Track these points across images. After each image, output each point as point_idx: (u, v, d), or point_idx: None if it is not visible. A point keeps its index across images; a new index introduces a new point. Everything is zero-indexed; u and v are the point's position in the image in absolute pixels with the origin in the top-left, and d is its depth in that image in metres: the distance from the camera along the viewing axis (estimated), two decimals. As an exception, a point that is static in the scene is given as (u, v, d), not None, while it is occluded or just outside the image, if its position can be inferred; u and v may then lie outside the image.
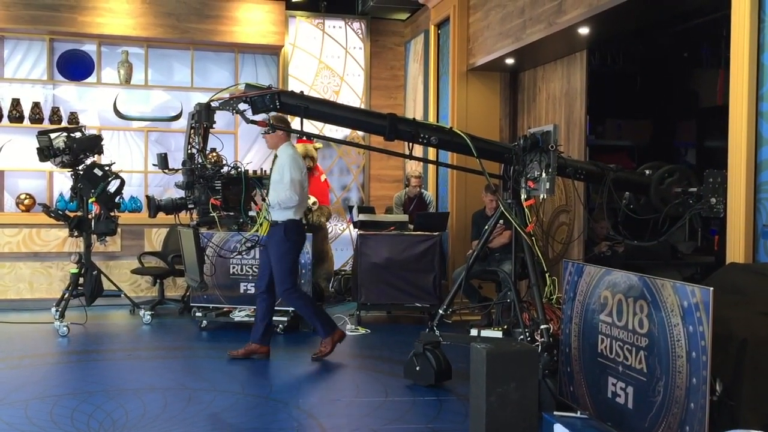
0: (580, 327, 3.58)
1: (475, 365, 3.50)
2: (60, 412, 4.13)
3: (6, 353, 5.62)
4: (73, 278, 6.44)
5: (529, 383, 3.43)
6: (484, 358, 3.38)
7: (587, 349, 3.52)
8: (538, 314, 4.25)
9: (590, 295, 3.50)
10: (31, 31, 7.62)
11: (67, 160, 6.36)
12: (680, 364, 2.86)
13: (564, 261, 3.90)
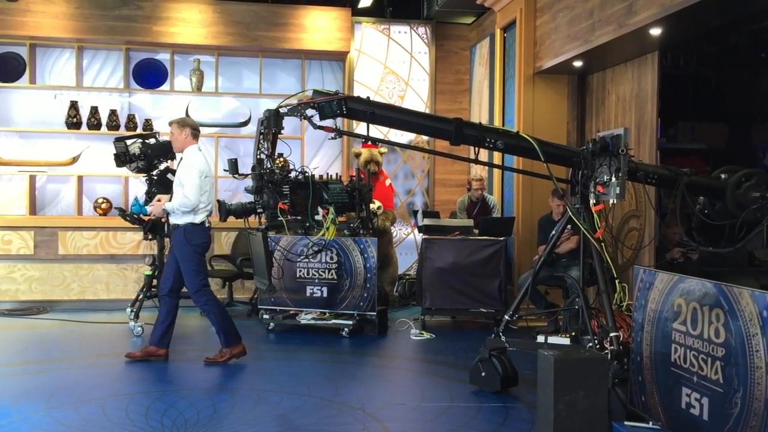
0: (652, 335, 3.50)
1: (543, 372, 3.45)
2: (135, 410, 4.27)
3: (84, 352, 5.84)
4: (147, 280, 6.65)
5: (598, 392, 3.37)
6: (552, 365, 3.34)
7: (660, 358, 3.43)
8: (607, 321, 4.17)
9: (663, 303, 3.41)
10: (108, 42, 7.93)
11: (142, 165, 6.57)
12: (759, 376, 2.76)
13: (635, 267, 3.81)
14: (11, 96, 7.99)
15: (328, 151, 8.69)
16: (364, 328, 6.53)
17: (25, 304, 7.47)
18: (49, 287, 7.57)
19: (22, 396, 4.47)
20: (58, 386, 4.73)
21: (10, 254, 7.48)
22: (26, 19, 7.53)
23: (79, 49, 7.95)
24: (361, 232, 6.53)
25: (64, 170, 8.03)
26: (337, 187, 6.06)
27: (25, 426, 3.94)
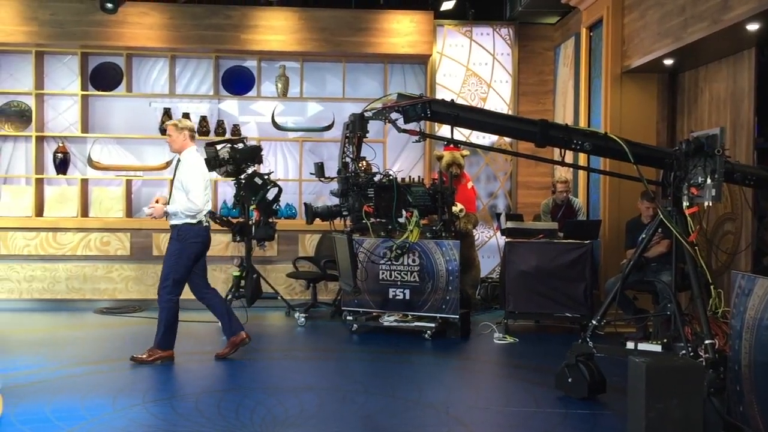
0: (752, 343, 3.35)
1: (634, 379, 3.37)
2: (226, 406, 4.41)
3: (176, 349, 6.05)
4: (235, 281, 6.86)
5: (693, 401, 3.26)
6: (644, 372, 3.25)
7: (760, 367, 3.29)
8: (701, 328, 4.02)
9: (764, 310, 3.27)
10: (199, 50, 8.22)
11: (230, 169, 6.79)
12: None
13: (733, 273, 3.66)
14: (110, 104, 8.40)
15: (410, 154, 8.72)
16: (447, 331, 6.53)
17: (121, 302, 7.84)
18: (144, 287, 7.90)
19: (120, 390, 4.68)
20: (154, 382, 4.94)
21: (108, 255, 7.86)
22: (123, 31, 7.90)
23: (171, 58, 8.27)
24: (444, 234, 6.53)
25: (158, 174, 8.37)
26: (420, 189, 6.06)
27: (123, 419, 4.13)
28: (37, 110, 8.12)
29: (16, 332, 6.55)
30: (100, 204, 8.19)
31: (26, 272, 7.75)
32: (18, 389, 4.59)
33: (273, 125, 8.53)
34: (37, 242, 7.78)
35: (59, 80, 8.31)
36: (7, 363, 5.13)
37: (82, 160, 8.34)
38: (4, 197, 8.09)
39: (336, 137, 8.46)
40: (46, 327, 6.89)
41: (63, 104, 8.35)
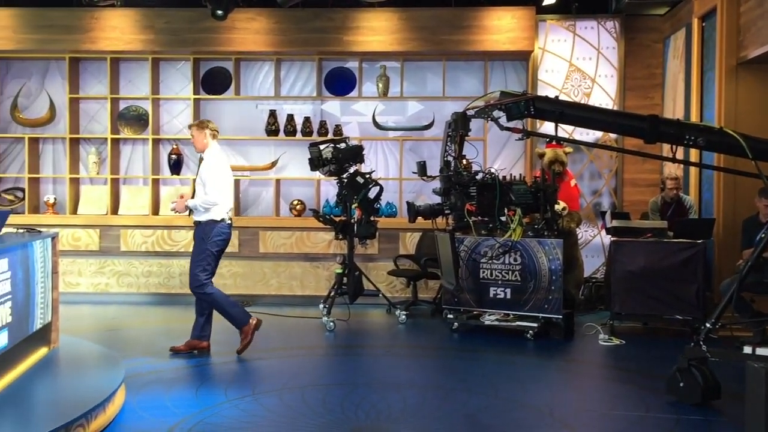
0: None
1: (752, 385, 3.22)
2: (331, 400, 4.53)
3: (283, 344, 6.27)
4: (338, 278, 7.00)
5: (818, 410, 3.08)
6: (764, 377, 3.10)
7: None
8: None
9: None
10: (303, 53, 8.44)
11: (333, 169, 6.93)
12: None
13: None
14: (220, 107, 8.75)
15: (511, 151, 8.62)
16: (549, 331, 6.42)
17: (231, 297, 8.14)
18: (251, 282, 8.20)
19: (232, 382, 4.89)
20: (263, 374, 5.13)
21: (218, 251, 8.20)
22: (232, 36, 8.21)
23: (277, 62, 8.53)
24: (546, 233, 6.43)
25: (264, 174, 8.66)
26: (522, 187, 6.00)
27: (235, 410, 4.32)
28: (153, 114, 8.57)
29: (135, 325, 6.96)
30: (210, 203, 8.55)
31: (144, 267, 8.20)
32: (138, 378, 4.87)
33: (374, 125, 8.64)
34: (154, 239, 8.22)
35: (173, 85, 8.74)
36: (128, 354, 5.45)
37: (194, 161, 8.73)
38: (123, 197, 8.59)
39: (436, 136, 8.49)
40: (161, 320, 7.27)
41: (176, 108, 8.77)
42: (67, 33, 8.20)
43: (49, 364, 4.79)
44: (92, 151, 8.63)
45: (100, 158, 8.64)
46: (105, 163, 8.59)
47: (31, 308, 4.62)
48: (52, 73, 8.71)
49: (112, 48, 8.26)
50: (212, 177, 5.64)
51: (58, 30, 8.19)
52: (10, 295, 4.17)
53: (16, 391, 4.07)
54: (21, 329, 4.40)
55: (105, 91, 8.58)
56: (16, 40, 8.19)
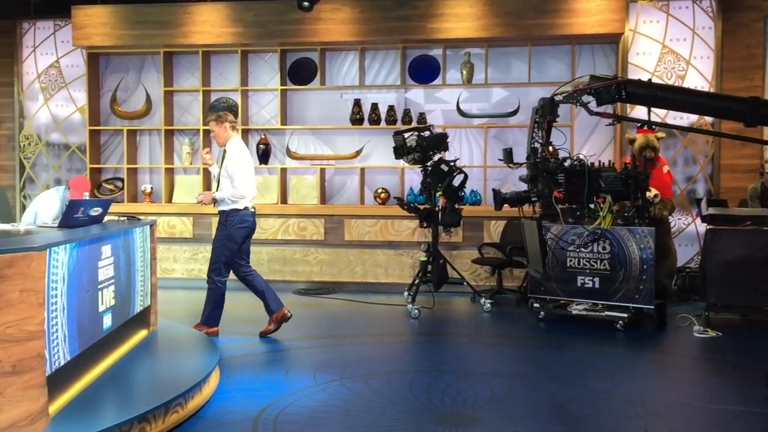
0: None
1: None
2: (417, 387, 4.56)
3: (368, 330, 6.36)
4: (423, 266, 7.02)
5: None
6: None
7: None
8: None
9: None
10: (387, 42, 8.46)
11: (417, 157, 6.94)
12: None
13: None
14: (306, 97, 8.91)
15: (599, 137, 8.39)
16: (640, 322, 6.24)
17: (317, 284, 8.33)
18: (337, 270, 8.33)
19: (320, 366, 4.99)
20: (350, 360, 5.21)
21: (305, 239, 8.38)
22: (318, 27, 8.33)
23: (361, 51, 8.60)
24: (637, 221, 6.24)
25: (349, 163, 8.76)
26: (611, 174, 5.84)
27: (323, 394, 4.41)
28: (243, 105, 8.81)
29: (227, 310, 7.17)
30: (297, 191, 8.74)
31: (234, 254, 8.46)
32: (231, 361, 5.05)
33: (458, 112, 8.58)
34: (243, 227, 8.46)
35: (261, 76, 8.95)
36: (221, 337, 5.65)
37: (281, 150, 8.93)
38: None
39: (521, 123, 8.36)
40: (251, 305, 7.47)
41: (264, 99, 8.98)
42: (162, 28, 8.52)
43: (148, 345, 5.03)
44: (185, 141, 8.97)
45: (192, 149, 8.96)
46: (197, 154, 8.89)
47: (132, 292, 4.86)
48: (148, 67, 9.08)
49: (204, 41, 8.53)
50: (238, 170, 5.79)
51: (153, 26, 8.52)
52: (113, 279, 4.40)
53: (120, 371, 4.30)
54: (123, 312, 4.63)
55: (197, 83, 8.88)
56: (115, 37, 8.58)
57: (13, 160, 9.20)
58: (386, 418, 3.95)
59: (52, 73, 9.16)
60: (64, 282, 3.56)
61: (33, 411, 3.17)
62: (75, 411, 3.52)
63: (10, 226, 4.87)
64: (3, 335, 3.04)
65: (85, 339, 3.88)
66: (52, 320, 3.40)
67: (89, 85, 8.90)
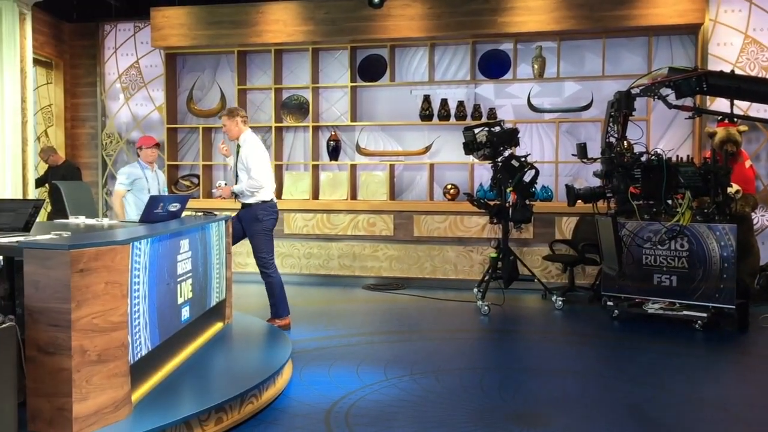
0: None
1: None
2: (488, 384, 4.53)
3: (438, 326, 6.35)
4: (492, 262, 6.96)
5: None
6: None
7: None
8: None
9: None
10: (456, 37, 8.41)
11: (487, 152, 6.89)
12: None
13: None
14: (375, 94, 8.95)
15: (677, 131, 8.12)
16: (720, 322, 6.02)
17: (386, 280, 8.37)
18: (406, 265, 8.35)
19: (390, 362, 5.01)
20: (420, 356, 5.21)
21: (374, 235, 8.43)
22: (387, 23, 8.35)
23: (431, 47, 8.58)
24: (717, 218, 6.02)
25: (418, 159, 8.76)
26: (690, 169, 5.67)
27: (394, 389, 4.43)
28: (313, 102, 8.92)
29: (298, 304, 7.29)
30: (367, 187, 8.80)
31: (305, 249, 8.60)
32: (303, 354, 5.13)
33: (529, 107, 8.47)
34: (314, 223, 8.59)
35: (331, 74, 9.04)
36: (293, 332, 5.75)
37: (351, 146, 9.01)
38: (286, 182, 9.03)
39: (594, 117, 8.18)
40: (322, 300, 7.59)
41: (335, 96, 9.07)
42: (236, 28, 8.71)
43: (224, 337, 5.17)
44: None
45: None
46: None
47: (209, 285, 4.99)
48: (223, 66, 9.31)
49: (276, 40, 8.67)
50: (255, 162, 5.84)
51: (227, 25, 8.72)
52: (191, 272, 4.53)
53: (197, 362, 4.42)
54: (200, 305, 4.77)
55: (269, 81, 9.04)
56: (191, 37, 8.82)
57: (96, 158, 9.59)
58: (458, 415, 3.94)
59: (132, 73, 9.50)
60: (146, 275, 3.69)
61: (117, 398, 3.30)
62: (155, 399, 3.65)
63: (94, 221, 5.07)
64: (89, 325, 3.17)
65: (165, 330, 4.02)
66: (134, 312, 3.53)
67: (167, 85, 9.19)
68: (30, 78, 7.69)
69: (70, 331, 3.08)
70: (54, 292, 3.09)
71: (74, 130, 9.62)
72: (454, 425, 3.78)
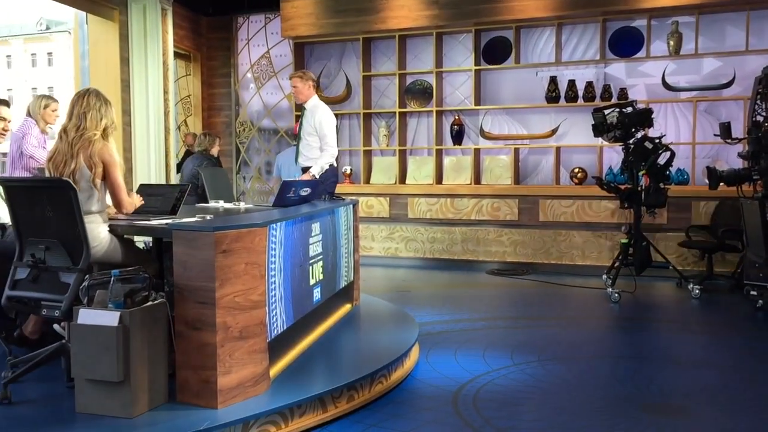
0: None
1: None
2: (621, 373, 4.39)
3: (565, 313, 6.22)
4: (623, 248, 6.71)
5: None
6: None
7: None
8: None
9: None
10: (585, 15, 8.13)
11: (618, 134, 6.64)
12: None
13: None
14: (499, 77, 8.83)
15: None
16: None
17: (510, 265, 8.28)
18: (531, 251, 8.22)
19: (517, 347, 4.97)
20: (547, 342, 5.13)
21: (498, 220, 8.35)
22: (513, 4, 8.20)
23: (558, 26, 8.34)
24: None
25: (544, 142, 8.58)
26: None
27: (522, 374, 4.39)
28: (437, 87, 8.92)
29: (423, 287, 7.38)
30: (490, 172, 8.72)
31: (429, 234, 8.65)
32: (429, 338, 5.18)
33: (663, 86, 8.07)
34: (437, 207, 8.61)
35: (455, 57, 9.00)
36: (418, 314, 5.81)
37: (474, 131, 8.95)
38: (410, 167, 9.11)
39: (736, 95, 7.69)
40: (445, 284, 7.62)
41: (458, 80, 9.03)
42: (361, 15, 8.84)
43: (352, 319, 5.31)
44: (382, 124, 9.27)
45: (389, 131, 9.25)
46: (393, 136, 9.17)
47: (338, 268, 5.14)
48: (348, 53, 9.48)
49: (400, 26, 8.73)
50: (329, 128, 5.90)
51: (352, 13, 8.87)
52: (321, 255, 4.68)
53: (327, 341, 4.58)
54: (330, 286, 4.92)
55: (393, 67, 9.13)
56: (318, 26, 9.04)
57: (230, 145, 10.06)
58: (590, 404, 3.85)
59: (263, 63, 9.87)
60: (281, 256, 3.85)
61: (257, 373, 3.48)
62: (291, 376, 3.81)
63: (231, 204, 5.34)
64: (231, 303, 3.35)
65: (299, 310, 4.18)
66: (271, 291, 3.69)
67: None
68: (171, 70, 8.17)
69: (215, 308, 3.26)
70: (200, 271, 3.29)
71: (210, 119, 10.13)
72: (586, 413, 3.70)
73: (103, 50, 7.76)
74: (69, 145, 3.69)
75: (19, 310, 3.81)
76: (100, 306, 3.19)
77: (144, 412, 3.19)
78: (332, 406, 3.59)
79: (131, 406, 3.13)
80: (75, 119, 3.73)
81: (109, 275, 3.20)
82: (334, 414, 3.59)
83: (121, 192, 3.79)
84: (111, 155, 3.72)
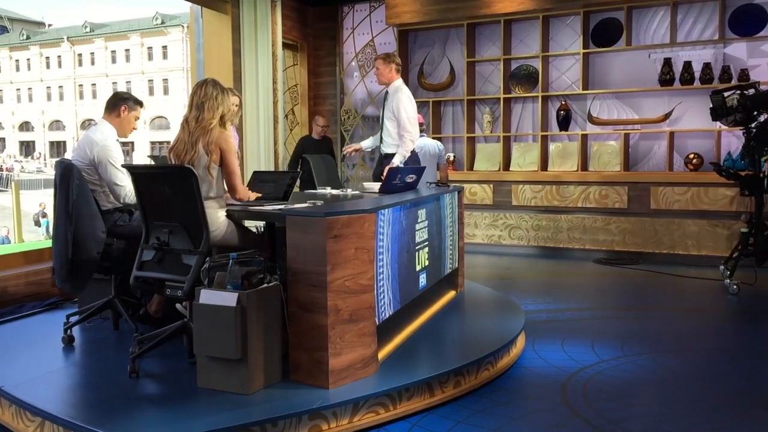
0: None
1: None
2: (739, 368, 4.20)
3: (678, 304, 5.98)
4: (743, 238, 6.38)
5: None
6: None
7: None
8: None
9: None
10: (702, -7, 7.76)
11: (739, 118, 6.30)
12: None
13: None
14: (609, 59, 8.54)
15: None
16: None
17: (618, 254, 8.04)
18: (641, 240, 7.95)
19: (627, 338, 4.83)
20: (660, 333, 4.96)
21: (606, 207, 8.12)
22: (625, -16, 7.92)
23: (673, 5, 7.97)
24: None
25: (656, 127, 8.25)
26: None
27: (633, 366, 4.26)
28: (543, 72, 8.74)
29: (527, 276, 7.29)
30: (598, 158, 8.47)
31: (533, 221, 8.52)
32: (535, 326, 5.12)
33: (789, 66, 7.58)
34: (543, 194, 8.46)
35: (562, 41, 8.78)
36: (523, 303, 5.75)
37: (582, 116, 8.71)
38: (514, 154, 8.99)
39: None
40: (551, 272, 7.49)
41: (565, 64, 8.81)
42: (465, 0, 8.77)
43: (457, 305, 5.32)
44: (486, 110, 9.18)
45: (493, 117, 9.15)
46: (497, 122, 9.06)
47: (443, 254, 5.16)
48: (452, 39, 9.44)
49: (505, 10, 8.60)
50: (405, 113, 5.77)
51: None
52: (427, 241, 4.71)
53: (433, 327, 4.61)
54: (435, 273, 4.95)
55: (498, 52, 9.01)
56: (422, 13, 9.04)
57: (335, 133, 10.25)
58: (705, 399, 3.70)
59: (367, 51, 9.98)
60: (389, 242, 3.90)
61: (366, 356, 3.56)
62: (398, 360, 3.87)
63: (339, 191, 5.45)
64: (342, 287, 3.44)
65: (406, 295, 4.23)
66: (379, 276, 3.76)
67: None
68: (280, 60, 8.40)
69: (326, 292, 3.36)
70: (312, 255, 3.39)
71: (316, 107, 10.34)
72: (701, 408, 3.57)
73: (217, 43, 8.07)
74: (189, 134, 3.87)
75: (144, 290, 4.06)
76: (219, 287, 3.35)
77: (260, 389, 3.34)
78: (439, 391, 3.63)
79: (248, 383, 3.28)
80: (195, 110, 3.90)
81: (228, 258, 3.35)
82: (441, 399, 3.62)
83: (236, 179, 3.95)
84: (227, 142, 3.88)
